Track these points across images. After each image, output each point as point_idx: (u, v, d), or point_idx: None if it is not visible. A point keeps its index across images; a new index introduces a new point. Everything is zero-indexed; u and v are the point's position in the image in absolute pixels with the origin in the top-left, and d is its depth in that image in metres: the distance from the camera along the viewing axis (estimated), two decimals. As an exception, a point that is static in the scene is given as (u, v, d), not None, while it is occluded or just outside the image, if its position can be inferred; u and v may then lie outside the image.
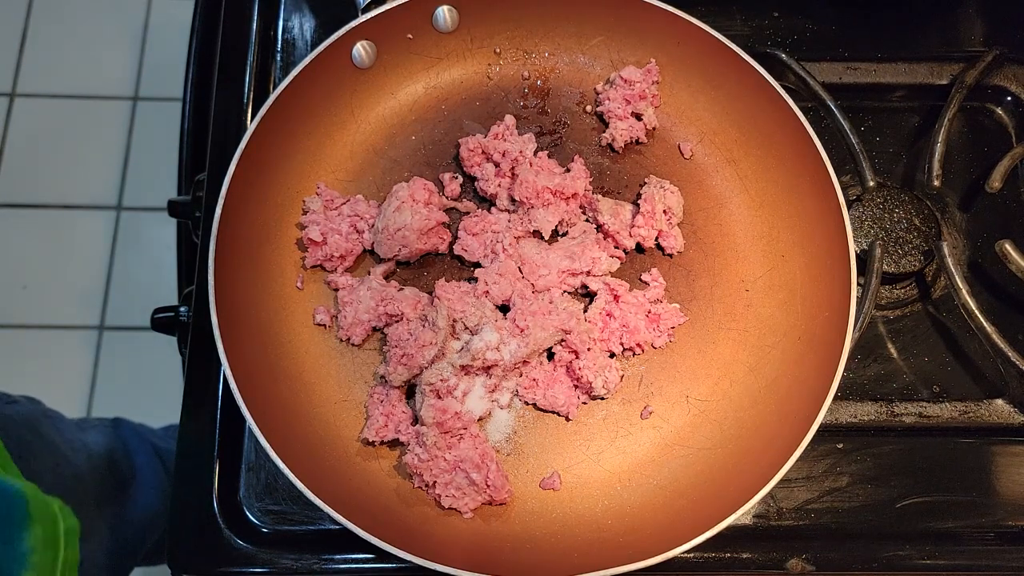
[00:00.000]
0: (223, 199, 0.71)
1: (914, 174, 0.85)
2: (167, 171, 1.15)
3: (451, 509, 0.69)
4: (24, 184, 1.89)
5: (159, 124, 1.95)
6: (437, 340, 0.71)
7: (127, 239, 1.87)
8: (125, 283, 1.84)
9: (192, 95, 1.00)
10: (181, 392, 0.75)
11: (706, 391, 0.74)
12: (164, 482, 1.14)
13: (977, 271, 0.82)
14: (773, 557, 0.72)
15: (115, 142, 1.93)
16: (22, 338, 1.79)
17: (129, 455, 1.12)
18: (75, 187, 1.90)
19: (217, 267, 0.70)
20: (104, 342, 1.80)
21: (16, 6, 2.02)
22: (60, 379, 1.77)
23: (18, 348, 1.78)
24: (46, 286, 1.83)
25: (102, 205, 1.89)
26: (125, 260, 1.86)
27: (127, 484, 1.08)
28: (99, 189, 1.90)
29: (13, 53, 1.98)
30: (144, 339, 1.79)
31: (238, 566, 0.70)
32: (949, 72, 0.87)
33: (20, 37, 2.00)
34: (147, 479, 1.11)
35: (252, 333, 0.72)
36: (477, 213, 0.78)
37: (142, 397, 1.69)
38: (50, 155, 1.92)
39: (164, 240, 1.87)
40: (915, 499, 0.74)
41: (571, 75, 0.84)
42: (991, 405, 0.77)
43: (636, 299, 0.75)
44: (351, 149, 0.81)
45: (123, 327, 1.82)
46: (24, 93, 1.96)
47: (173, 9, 2.04)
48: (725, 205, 0.80)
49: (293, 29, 0.88)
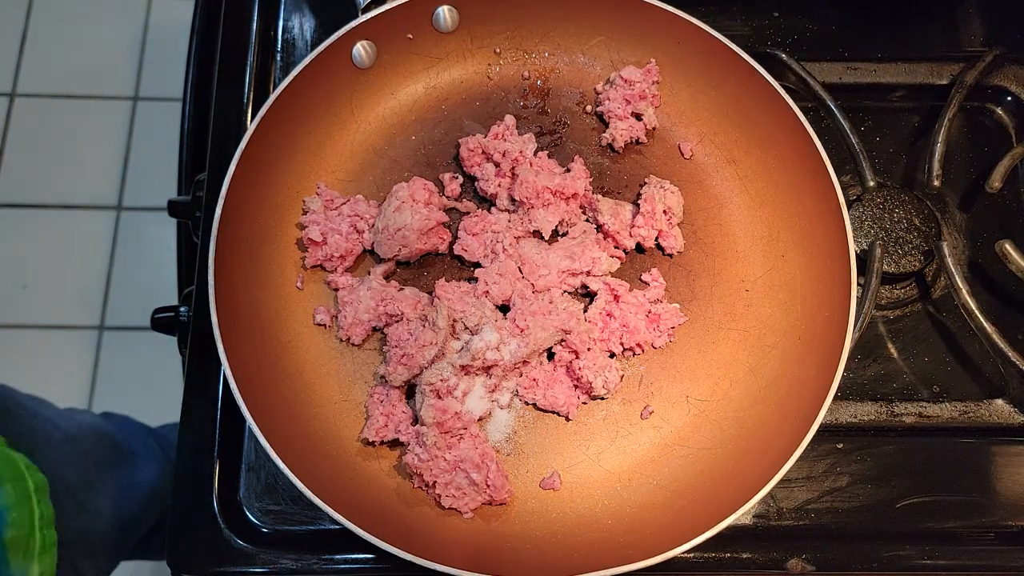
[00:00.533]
0: (223, 199, 0.71)
1: (914, 174, 0.85)
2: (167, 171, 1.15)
3: (451, 509, 0.69)
4: (24, 184, 1.89)
5: (159, 124, 1.95)
6: (437, 340, 0.71)
7: (127, 239, 1.87)
8: (125, 283, 1.84)
9: (192, 95, 1.00)
10: (181, 392, 0.75)
11: (706, 391, 0.74)
12: (163, 460, 1.13)
13: (977, 271, 0.82)
14: (773, 557, 0.72)
15: (115, 142, 1.93)
16: (22, 338, 1.79)
17: (125, 435, 1.12)
18: (75, 187, 1.90)
19: (217, 267, 0.70)
20: (104, 342, 1.80)
21: (16, 6, 2.02)
22: (60, 379, 1.77)
23: (18, 348, 1.78)
24: (46, 286, 1.83)
25: (102, 205, 1.89)
26: (125, 260, 1.86)
27: (126, 455, 1.07)
28: (99, 189, 1.90)
29: (13, 53, 1.98)
30: (144, 339, 1.79)
31: (238, 566, 0.70)
32: (949, 72, 0.87)
33: (20, 37, 2.00)
34: (145, 455, 1.10)
35: (252, 333, 0.72)
36: (477, 213, 0.78)
37: (142, 397, 1.69)
38: (50, 155, 1.92)
39: (164, 240, 1.87)
40: (915, 499, 0.74)
41: (571, 75, 0.84)
42: (991, 405, 0.77)
43: (636, 299, 0.75)
44: (351, 149, 0.81)
45: (123, 327, 1.82)
46: (24, 93, 1.96)
47: (173, 9, 2.04)
48: (725, 205, 0.80)
49: (293, 29, 0.88)
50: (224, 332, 0.68)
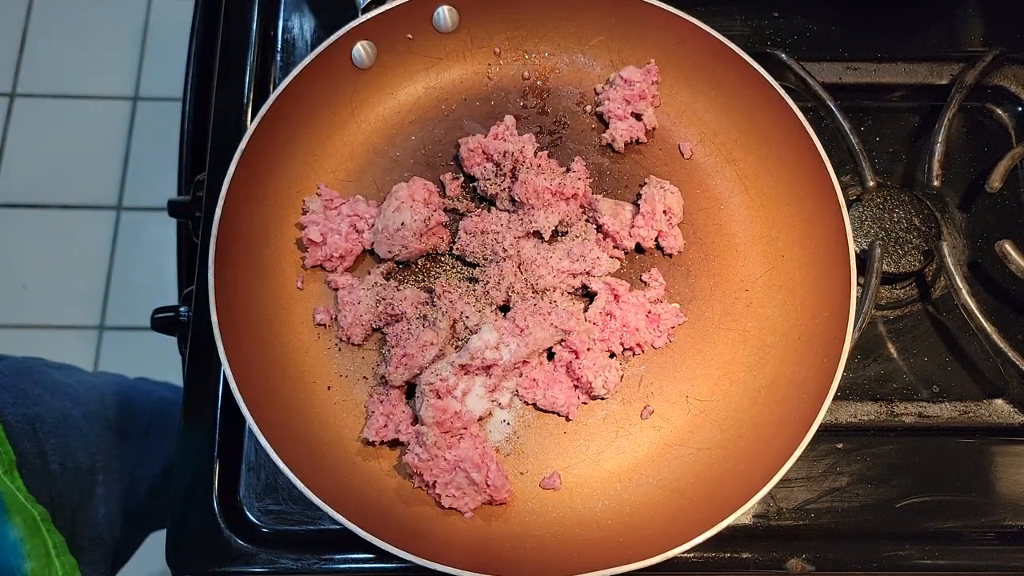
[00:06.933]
0: (223, 199, 0.71)
1: (914, 174, 0.85)
2: (167, 171, 1.15)
3: (451, 509, 0.69)
4: (24, 184, 1.89)
5: (159, 124, 1.95)
6: (437, 340, 0.71)
7: (127, 239, 1.87)
8: (125, 283, 1.84)
9: (192, 95, 1.00)
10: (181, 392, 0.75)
11: (706, 391, 0.74)
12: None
13: (977, 271, 0.82)
14: (773, 557, 0.72)
15: (115, 142, 1.93)
16: (22, 338, 1.79)
17: (145, 396, 1.11)
18: (75, 187, 1.90)
19: (217, 267, 0.70)
20: (104, 342, 1.80)
21: (16, 6, 2.02)
22: (60, 379, 1.76)
23: (18, 348, 1.77)
24: (46, 286, 1.83)
25: (102, 205, 1.89)
26: (125, 260, 1.86)
27: (143, 432, 1.06)
28: (99, 189, 1.90)
29: (13, 53, 1.98)
30: (144, 339, 1.79)
31: (238, 566, 0.70)
32: (949, 72, 0.87)
33: (20, 37, 2.00)
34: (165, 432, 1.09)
35: (252, 333, 0.72)
36: (477, 213, 0.78)
37: (142, 397, 1.69)
38: (50, 155, 1.92)
39: (164, 240, 1.86)
40: (915, 499, 0.74)
41: (571, 75, 0.84)
42: (991, 405, 0.77)
43: (636, 299, 0.75)
44: (351, 149, 0.81)
45: (123, 327, 1.82)
46: (24, 93, 1.96)
47: (173, 9, 2.04)
48: (725, 205, 0.80)
49: (293, 29, 0.88)
50: (224, 332, 0.68)
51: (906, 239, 0.79)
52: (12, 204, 1.88)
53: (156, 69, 2.00)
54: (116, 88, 1.97)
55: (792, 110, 0.76)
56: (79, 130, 1.94)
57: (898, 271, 0.79)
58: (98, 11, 2.03)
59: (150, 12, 2.04)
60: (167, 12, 2.04)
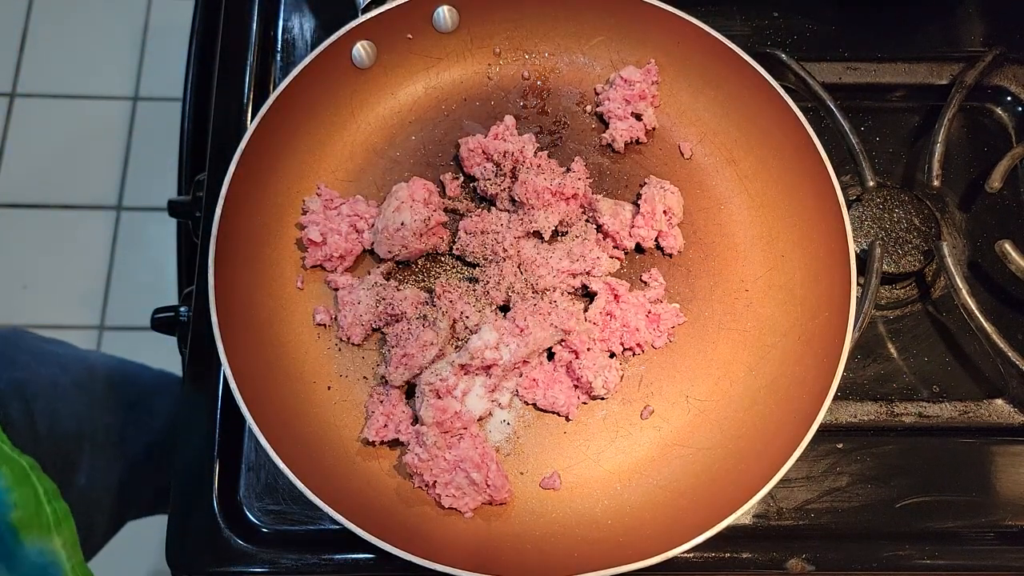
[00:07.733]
0: (223, 199, 0.71)
1: (914, 174, 0.85)
2: (167, 171, 1.15)
3: (451, 509, 0.69)
4: (24, 184, 1.89)
5: (159, 124, 1.95)
6: (437, 340, 0.71)
7: (127, 239, 1.87)
8: (125, 283, 1.84)
9: (192, 95, 1.00)
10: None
11: (706, 391, 0.74)
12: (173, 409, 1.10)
13: (977, 271, 0.82)
14: (773, 557, 0.72)
15: (115, 142, 1.93)
16: (22, 338, 1.79)
17: (134, 374, 1.10)
18: (75, 187, 1.90)
19: (217, 267, 0.70)
20: (104, 342, 1.80)
21: (16, 6, 2.02)
22: (60, 379, 1.76)
23: (18, 348, 1.78)
24: (46, 286, 1.83)
25: (102, 205, 1.89)
26: (125, 260, 1.86)
27: (137, 402, 1.05)
28: (99, 189, 1.90)
29: (13, 53, 1.98)
30: (144, 339, 1.79)
31: (238, 566, 0.70)
32: (949, 72, 0.87)
33: (20, 37, 2.00)
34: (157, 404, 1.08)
35: (252, 333, 0.72)
36: (477, 213, 0.78)
37: (142, 397, 1.69)
38: (50, 155, 1.92)
39: (164, 240, 1.86)
40: (915, 499, 0.74)
41: (571, 75, 0.84)
42: (991, 405, 0.77)
43: (636, 299, 0.75)
44: (351, 149, 0.81)
45: (123, 327, 1.82)
46: (24, 93, 1.96)
47: (173, 9, 2.04)
48: (725, 205, 0.80)
49: (293, 29, 0.88)
50: (224, 332, 0.68)
51: (906, 239, 0.79)
52: (12, 204, 1.88)
53: (156, 69, 1.99)
54: (116, 88, 1.97)
55: (792, 110, 0.76)
56: (79, 130, 1.94)
57: (898, 271, 0.79)
58: (98, 11, 2.03)
59: (150, 12, 2.04)
60: (167, 12, 2.04)
